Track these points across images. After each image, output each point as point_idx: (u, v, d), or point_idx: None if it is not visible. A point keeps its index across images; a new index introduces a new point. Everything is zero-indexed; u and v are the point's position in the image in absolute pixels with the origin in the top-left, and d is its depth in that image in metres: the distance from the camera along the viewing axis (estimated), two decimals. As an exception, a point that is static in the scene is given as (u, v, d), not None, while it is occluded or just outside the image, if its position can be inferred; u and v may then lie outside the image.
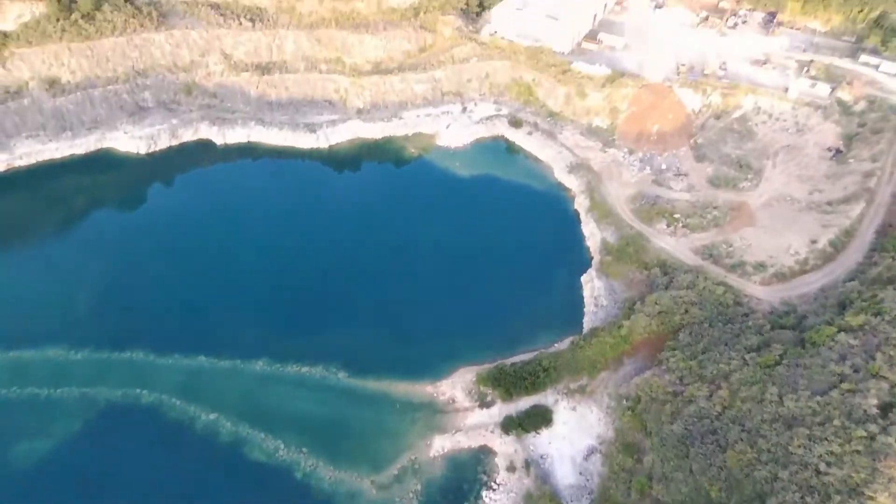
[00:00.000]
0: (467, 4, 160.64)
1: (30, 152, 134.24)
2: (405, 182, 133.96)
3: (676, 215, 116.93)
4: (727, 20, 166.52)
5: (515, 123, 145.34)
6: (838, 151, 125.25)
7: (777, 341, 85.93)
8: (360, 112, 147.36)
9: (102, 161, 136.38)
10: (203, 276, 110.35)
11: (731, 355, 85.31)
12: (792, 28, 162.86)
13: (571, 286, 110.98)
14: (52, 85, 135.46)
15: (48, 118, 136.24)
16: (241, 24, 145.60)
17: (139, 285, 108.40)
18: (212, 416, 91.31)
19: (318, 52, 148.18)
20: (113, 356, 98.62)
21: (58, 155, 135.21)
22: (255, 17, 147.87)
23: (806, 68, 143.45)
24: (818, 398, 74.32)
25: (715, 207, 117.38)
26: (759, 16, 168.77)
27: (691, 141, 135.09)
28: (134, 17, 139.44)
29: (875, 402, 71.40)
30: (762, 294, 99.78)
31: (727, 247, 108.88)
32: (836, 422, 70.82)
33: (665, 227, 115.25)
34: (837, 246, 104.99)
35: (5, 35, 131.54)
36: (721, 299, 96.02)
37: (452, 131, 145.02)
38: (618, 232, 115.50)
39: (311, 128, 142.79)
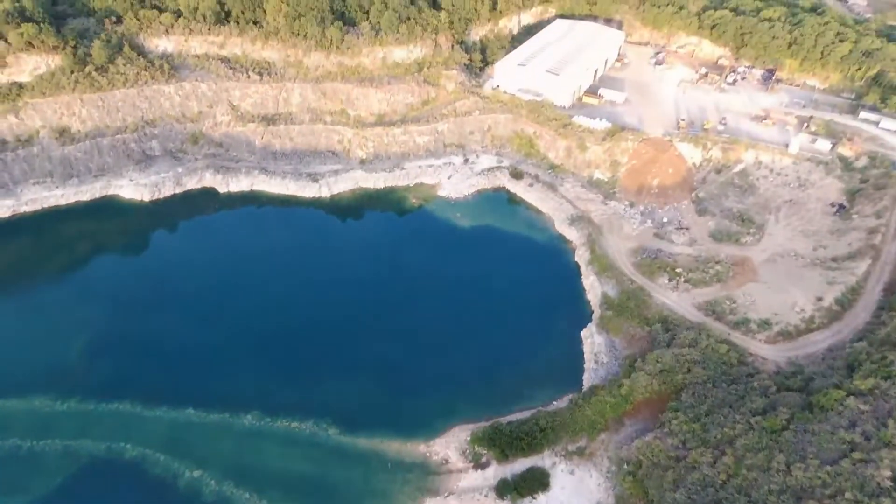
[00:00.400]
0: (471, 60, 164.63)
1: (36, 198, 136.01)
2: (405, 232, 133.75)
3: (678, 270, 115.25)
4: (726, 76, 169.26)
5: (516, 175, 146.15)
6: (841, 207, 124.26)
7: (783, 404, 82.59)
8: (362, 162, 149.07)
9: (106, 208, 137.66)
10: (197, 325, 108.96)
11: (735, 418, 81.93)
12: (791, 85, 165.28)
13: (571, 341, 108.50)
14: (62, 133, 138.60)
15: (56, 165, 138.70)
16: (248, 77, 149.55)
17: (132, 334, 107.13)
18: (196, 474, 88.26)
19: (323, 105, 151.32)
20: (100, 407, 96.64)
21: (63, 201, 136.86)
22: (264, 70, 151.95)
23: (806, 124, 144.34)
24: (828, 468, 70.56)
25: (717, 262, 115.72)
26: (758, 73, 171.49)
27: (692, 195, 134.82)
28: (146, 70, 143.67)
29: (889, 473, 67.65)
30: (767, 353, 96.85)
31: (730, 303, 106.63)
32: (847, 494, 66.95)
33: (667, 281, 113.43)
34: (844, 304, 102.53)
35: (20, 86, 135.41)
36: (725, 358, 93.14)
37: (454, 182, 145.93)
38: (619, 286, 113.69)
39: (314, 177, 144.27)
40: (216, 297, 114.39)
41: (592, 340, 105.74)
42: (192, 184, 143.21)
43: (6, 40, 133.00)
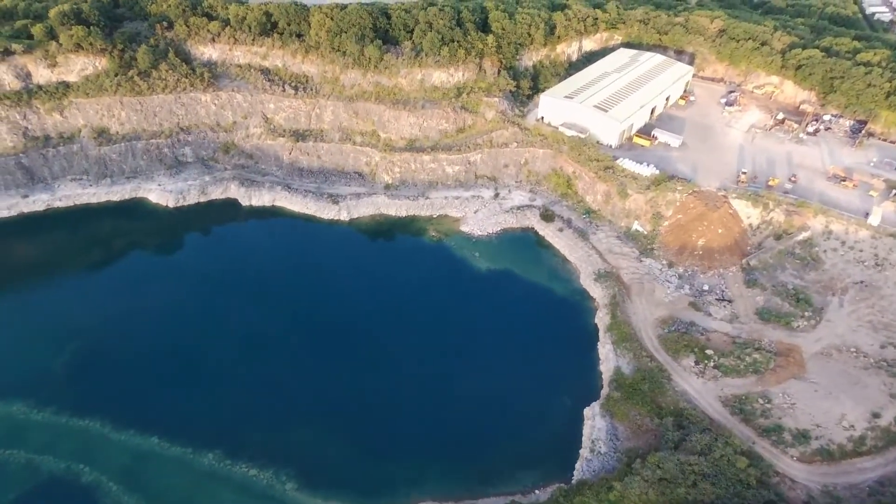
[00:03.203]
0: (518, 87, 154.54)
1: (70, 195, 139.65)
2: (417, 269, 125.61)
3: (709, 351, 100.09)
4: (807, 125, 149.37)
5: (547, 217, 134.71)
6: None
7: (805, 551, 67.46)
8: (387, 188, 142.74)
9: (133, 210, 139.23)
10: (182, 346, 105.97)
11: (740, 559, 67.67)
12: (884, 141, 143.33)
13: (571, 418, 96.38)
14: (101, 134, 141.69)
15: (92, 164, 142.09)
16: (284, 90, 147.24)
17: (117, 346, 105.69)
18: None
19: (354, 124, 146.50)
20: (71, 421, 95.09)
21: (94, 200, 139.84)
22: (300, 84, 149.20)
23: (895, 192, 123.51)
24: None
25: (758, 349, 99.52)
26: (847, 123, 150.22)
27: (743, 262, 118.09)
28: (186, 77, 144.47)
29: None
30: (799, 474, 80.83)
31: (764, 402, 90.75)
32: None
33: (693, 363, 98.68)
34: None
35: (67, 86, 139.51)
36: (742, 475, 78.18)
37: (479, 217, 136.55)
38: (635, 362, 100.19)
39: (335, 199, 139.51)
40: (208, 318, 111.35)
41: (594, 423, 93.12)
42: (216, 194, 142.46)
43: (58, 41, 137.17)
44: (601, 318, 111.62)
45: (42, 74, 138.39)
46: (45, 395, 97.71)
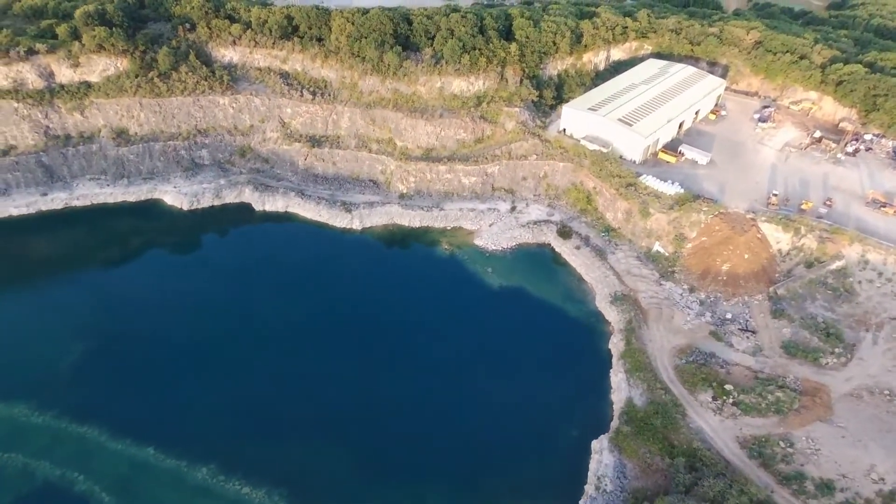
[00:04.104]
0: (541, 96, 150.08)
1: (87, 194, 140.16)
2: (426, 282, 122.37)
3: (728, 386, 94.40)
4: (846, 144, 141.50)
5: (564, 234, 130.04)
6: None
7: None
8: (402, 197, 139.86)
9: (147, 211, 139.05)
10: (183, 355, 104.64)
11: None
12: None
13: (578, 451, 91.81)
14: (120, 135, 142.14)
15: (110, 164, 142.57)
16: (302, 95, 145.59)
17: (123, 351, 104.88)
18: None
19: (370, 132, 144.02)
20: (70, 427, 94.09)
21: (111, 200, 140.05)
22: (319, 89, 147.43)
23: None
24: None
25: (781, 386, 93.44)
26: (889, 144, 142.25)
27: (770, 290, 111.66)
28: (206, 80, 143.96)
29: None
30: (820, 529, 74.94)
31: (786, 446, 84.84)
32: None
33: (710, 399, 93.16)
34: (945, 482, 77.65)
35: (88, 85, 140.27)
36: (757, 528, 72.78)
37: (494, 231, 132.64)
38: (649, 393, 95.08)
39: (348, 207, 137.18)
40: (213, 326, 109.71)
41: (601, 458, 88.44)
42: (230, 198, 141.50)
43: (81, 41, 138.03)
44: (615, 344, 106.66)
45: (65, 74, 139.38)
46: (48, 398, 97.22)
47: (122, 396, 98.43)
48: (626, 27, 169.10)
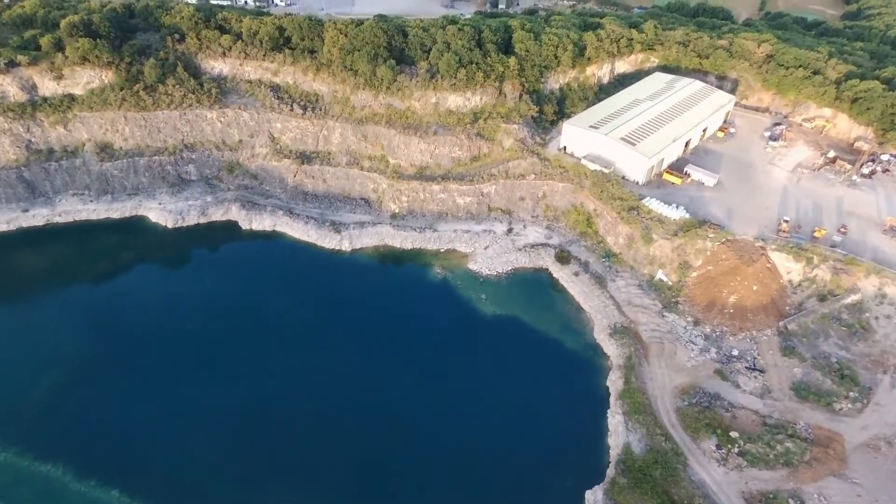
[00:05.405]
0: (541, 112, 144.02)
1: (70, 210, 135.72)
2: (416, 312, 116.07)
3: (734, 433, 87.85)
4: (862, 165, 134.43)
5: (563, 259, 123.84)
6: None
7: None
8: (394, 217, 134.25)
9: (131, 229, 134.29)
10: (157, 388, 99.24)
11: None
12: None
13: (571, 502, 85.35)
14: (104, 149, 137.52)
15: (94, 180, 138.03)
16: (292, 109, 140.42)
17: (94, 380, 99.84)
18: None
19: (362, 148, 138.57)
20: (33, 466, 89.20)
21: (94, 216, 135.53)
22: (310, 104, 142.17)
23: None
24: None
25: (791, 435, 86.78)
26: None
27: (780, 324, 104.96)
28: (193, 93, 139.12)
29: None
30: None
31: (795, 504, 78.24)
32: None
33: (714, 447, 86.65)
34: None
35: (72, 98, 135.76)
36: None
37: (490, 254, 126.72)
38: (648, 439, 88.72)
39: (337, 227, 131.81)
40: (187, 357, 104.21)
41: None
42: (216, 215, 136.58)
43: (64, 53, 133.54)
44: (613, 382, 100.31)
45: (48, 86, 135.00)
46: (11, 433, 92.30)
47: (92, 432, 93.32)
48: (632, 39, 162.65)
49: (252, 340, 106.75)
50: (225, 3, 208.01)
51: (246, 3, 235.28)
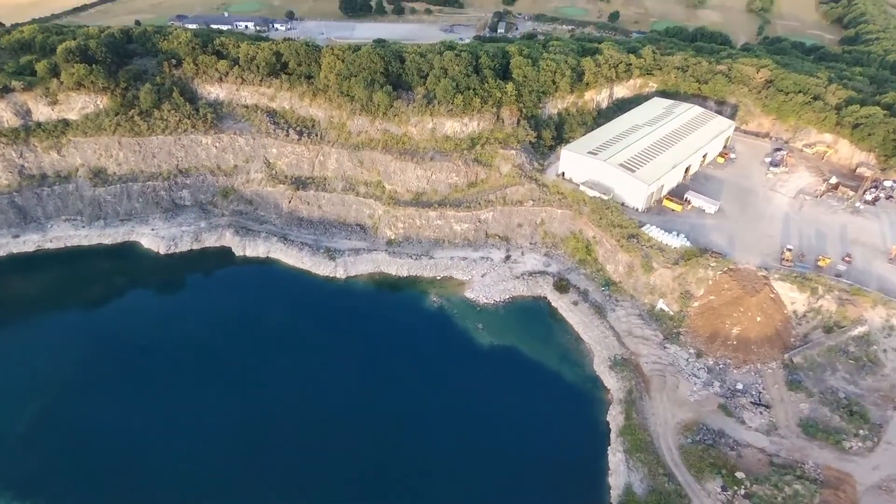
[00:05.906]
0: (539, 137, 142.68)
1: (61, 236, 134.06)
2: (410, 342, 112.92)
3: (739, 474, 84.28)
4: (865, 192, 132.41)
5: (561, 287, 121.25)
6: None
7: None
8: (389, 243, 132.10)
9: (123, 255, 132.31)
10: (143, 419, 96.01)
11: None
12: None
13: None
14: (98, 175, 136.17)
15: (86, 205, 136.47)
16: (288, 135, 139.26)
17: (78, 414, 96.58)
18: None
19: (358, 174, 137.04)
20: (14, 502, 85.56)
21: (86, 242, 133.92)
22: (306, 129, 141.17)
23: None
24: None
25: (800, 476, 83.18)
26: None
27: (785, 357, 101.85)
28: (188, 118, 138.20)
29: None
30: None
31: (806, 552, 74.43)
32: None
33: (719, 489, 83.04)
34: None
35: (66, 123, 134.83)
36: None
37: (487, 282, 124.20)
38: (650, 479, 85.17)
39: (332, 254, 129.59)
40: (175, 391, 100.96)
41: (595, 558, 78.34)
42: (210, 241, 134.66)
43: (59, 78, 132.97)
44: (614, 417, 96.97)
45: (42, 112, 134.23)
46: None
47: (80, 461, 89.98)
48: (631, 64, 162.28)
49: (242, 371, 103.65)
50: (224, 28, 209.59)
51: (246, 27, 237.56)
